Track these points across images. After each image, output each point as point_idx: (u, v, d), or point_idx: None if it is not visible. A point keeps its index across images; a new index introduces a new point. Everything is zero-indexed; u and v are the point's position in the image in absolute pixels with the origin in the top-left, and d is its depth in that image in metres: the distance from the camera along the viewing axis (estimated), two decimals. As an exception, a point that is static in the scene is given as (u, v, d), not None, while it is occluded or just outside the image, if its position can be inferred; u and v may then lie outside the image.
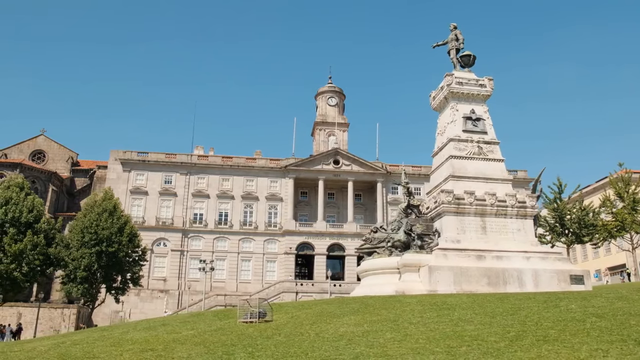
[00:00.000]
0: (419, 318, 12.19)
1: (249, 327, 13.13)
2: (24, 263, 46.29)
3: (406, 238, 24.05)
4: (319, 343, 10.11)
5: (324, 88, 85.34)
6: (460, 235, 24.06)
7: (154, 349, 10.82)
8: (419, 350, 8.78)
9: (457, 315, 12.13)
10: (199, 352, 10.05)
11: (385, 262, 24.08)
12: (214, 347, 10.45)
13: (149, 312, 65.61)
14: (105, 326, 19.96)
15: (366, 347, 9.39)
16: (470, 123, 26.90)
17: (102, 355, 10.44)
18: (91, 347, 11.88)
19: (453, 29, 29.63)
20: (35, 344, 14.48)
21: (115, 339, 13.13)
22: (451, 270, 22.21)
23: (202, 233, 70.91)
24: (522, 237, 24.55)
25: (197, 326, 14.28)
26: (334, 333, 11.12)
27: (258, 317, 14.46)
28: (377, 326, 11.50)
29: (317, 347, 9.76)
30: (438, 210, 24.86)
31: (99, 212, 49.85)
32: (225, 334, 12.18)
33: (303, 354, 9.24)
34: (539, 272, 22.79)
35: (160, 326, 15.14)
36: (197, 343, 11.19)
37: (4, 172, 68.39)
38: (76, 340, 13.84)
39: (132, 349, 10.98)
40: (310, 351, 9.40)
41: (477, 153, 26.36)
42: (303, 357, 8.99)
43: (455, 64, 28.74)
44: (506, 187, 25.92)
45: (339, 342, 10.00)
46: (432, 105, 29.50)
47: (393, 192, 75.95)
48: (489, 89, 27.70)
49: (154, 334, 13.34)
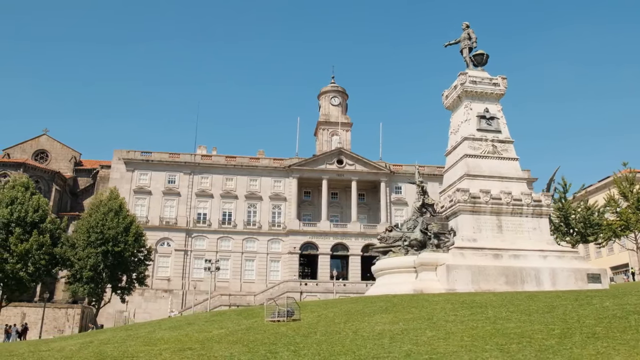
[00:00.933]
0: (453, 316, 12.14)
1: (280, 326, 13.07)
2: (30, 263, 46.04)
3: (422, 237, 24.01)
4: (361, 341, 10.05)
5: (327, 88, 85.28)
6: (477, 234, 24.05)
7: (191, 347, 10.73)
8: (469, 348, 8.73)
9: (491, 313, 12.09)
10: (240, 351, 9.97)
11: (402, 261, 24.04)
12: (254, 346, 10.37)
13: (153, 312, 65.48)
14: (126, 325, 19.84)
15: (412, 345, 9.33)
16: (485, 122, 26.89)
17: (141, 355, 10.35)
18: (124, 346, 11.78)
19: (465, 28, 29.60)
20: (61, 344, 14.37)
21: (144, 338, 13.04)
22: (469, 269, 22.20)
23: (206, 233, 70.76)
24: (537, 236, 24.56)
25: (224, 325, 14.20)
26: (371, 331, 11.06)
27: (286, 315, 14.38)
28: (414, 324, 11.45)
29: (362, 345, 9.70)
30: (453, 209, 24.83)
31: (105, 211, 49.66)
32: (259, 333, 12.10)
33: (350, 352, 9.18)
34: (556, 270, 22.79)
35: (186, 325, 15.05)
36: (233, 342, 11.10)
37: (8, 171, 68.15)
38: (104, 340, 13.74)
39: (169, 348, 10.89)
40: (356, 349, 9.34)
41: (492, 152, 26.36)
42: (351, 355, 8.92)
43: (468, 62, 28.72)
44: (521, 185, 25.94)
45: (382, 340, 9.94)
46: (444, 104, 29.47)
47: (396, 192, 75.98)
48: (503, 88, 27.70)
49: (184, 333, 13.26)
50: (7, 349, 14.60)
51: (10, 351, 13.82)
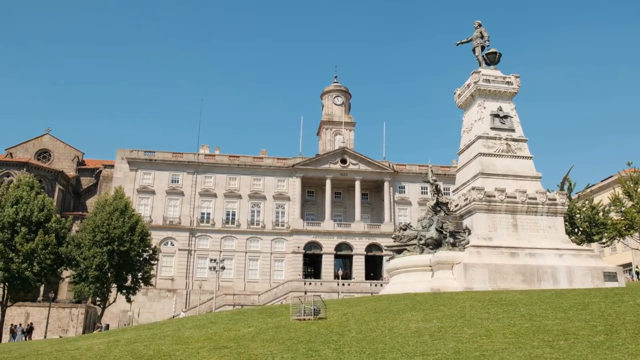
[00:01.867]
0: (485, 314, 12.07)
1: (310, 325, 12.98)
2: (35, 262, 45.87)
3: (438, 235, 23.95)
4: (401, 339, 9.97)
5: (329, 87, 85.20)
6: (492, 232, 24.03)
7: (226, 346, 10.63)
8: (518, 345, 8.67)
9: (524, 310, 12.03)
10: (279, 349, 9.87)
11: (417, 260, 24.00)
12: (291, 344, 10.28)
13: (157, 311, 65.33)
14: (147, 324, 19.71)
15: (456, 342, 9.26)
16: (498, 120, 26.86)
17: (178, 353, 10.24)
18: (155, 345, 11.66)
19: (477, 27, 29.56)
20: (85, 343, 14.26)
21: (173, 337, 12.92)
22: (486, 268, 22.17)
23: (210, 232, 70.62)
24: (553, 235, 24.54)
25: (250, 324, 14.11)
26: (407, 329, 10.98)
27: (313, 314, 14.30)
28: (448, 322, 11.38)
29: (404, 342, 9.62)
30: (468, 207, 24.78)
31: (110, 211, 49.50)
32: (290, 331, 12.02)
33: (395, 349, 9.10)
34: (572, 269, 22.77)
35: (209, 324, 14.95)
36: (267, 340, 11.01)
37: (11, 171, 67.91)
38: (130, 339, 13.63)
39: (204, 347, 10.79)
40: (399, 347, 9.26)
41: (506, 150, 26.33)
42: (398, 352, 8.84)
43: (481, 61, 28.68)
44: (535, 184, 25.90)
45: (422, 338, 9.87)
46: (457, 103, 29.43)
47: (400, 191, 75.97)
48: (516, 87, 27.67)
49: (212, 332, 13.16)
50: (33, 348, 14.49)
51: (36, 350, 13.71)
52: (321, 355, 9.06)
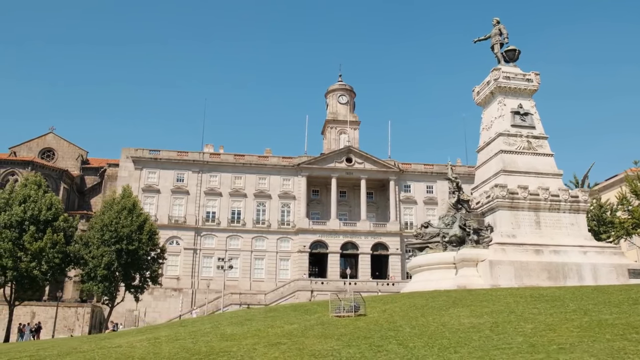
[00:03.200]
0: (534, 309, 11.97)
1: (355, 321, 12.85)
2: (44, 261, 45.58)
3: (461, 233, 23.85)
4: (462, 333, 9.85)
5: (334, 86, 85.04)
6: (515, 229, 23.97)
7: (280, 342, 10.47)
8: (592, 338, 8.56)
9: (573, 306, 11.93)
10: (339, 345, 9.72)
11: (441, 257, 23.89)
12: (349, 340, 10.14)
13: (162, 311, 65.08)
14: (179, 321, 19.54)
15: (523, 336, 9.15)
16: (519, 118, 26.81)
17: (234, 349, 10.08)
18: (204, 342, 11.49)
19: (496, 24, 29.49)
20: (124, 340, 14.07)
21: (216, 334, 12.75)
22: (512, 265, 22.11)
23: (215, 231, 70.36)
24: (575, 232, 24.51)
25: (290, 320, 13.96)
26: (461, 324, 10.86)
27: (354, 310, 14.16)
28: (501, 317, 11.26)
29: (466, 336, 9.50)
30: (491, 205, 24.70)
31: (119, 209, 49.21)
32: (338, 327, 11.87)
33: (462, 343, 8.97)
34: (597, 266, 22.74)
35: (246, 321, 14.80)
36: (319, 336, 10.87)
37: (15, 169, 67.52)
38: (170, 336, 13.46)
39: (257, 342, 10.63)
40: (466, 341, 9.14)
41: (527, 148, 26.28)
42: (467, 347, 8.71)
43: (500, 58, 28.62)
44: (557, 181, 25.86)
45: (484, 332, 9.75)
46: (475, 100, 29.36)
47: (405, 190, 75.87)
48: (536, 84, 27.64)
49: (254, 328, 13.00)
50: (69, 345, 14.31)
51: (73, 347, 13.53)
52: (388, 350, 8.92)
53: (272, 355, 9.03)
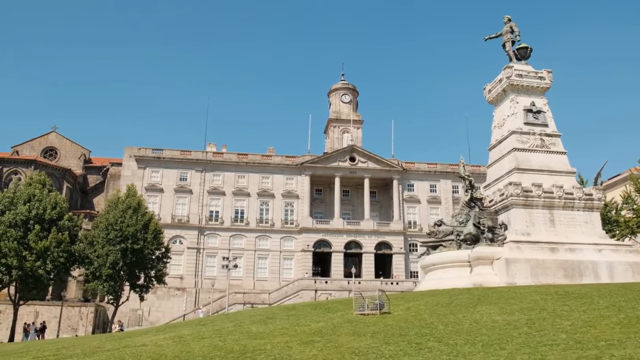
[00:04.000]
0: (565, 306, 11.85)
1: (383, 318, 12.71)
2: (49, 260, 45.38)
3: (476, 231, 23.71)
4: (499, 330, 9.73)
5: (337, 85, 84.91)
6: (530, 228, 23.86)
7: (314, 340, 10.33)
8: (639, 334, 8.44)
9: (604, 302, 11.82)
10: (376, 342, 9.58)
11: (455, 255, 23.76)
12: (385, 337, 10.01)
13: (166, 310, 64.91)
14: (197, 319, 19.37)
15: (564, 333, 9.04)
16: (531, 115, 26.71)
17: (269, 347, 9.93)
18: (233, 340, 11.33)
19: (507, 22, 29.37)
20: (147, 339, 13.91)
21: (242, 332, 12.58)
22: (528, 263, 22.03)
23: (218, 231, 70.22)
24: (590, 230, 24.41)
25: (315, 318, 13.82)
26: (494, 321, 10.74)
27: (378, 308, 14.03)
28: (533, 314, 11.15)
29: (505, 333, 9.38)
30: (505, 203, 24.59)
31: (124, 208, 49.01)
32: (368, 325, 11.74)
33: (504, 340, 8.85)
34: (613, 264, 22.65)
35: (268, 320, 14.64)
36: (352, 333, 10.73)
37: (18, 169, 67.23)
38: (194, 335, 13.27)
39: (290, 340, 10.49)
40: (507, 338, 9.01)
41: (540, 146, 26.18)
42: (511, 343, 8.58)
43: (512, 56, 28.47)
44: (570, 179, 25.77)
45: (522, 329, 9.63)
46: (487, 98, 29.24)
47: (409, 189, 75.80)
48: (548, 81, 27.53)
49: (280, 327, 12.85)
50: (90, 344, 14.15)
51: (96, 346, 13.37)
52: (430, 347, 8.80)
53: (311, 353, 8.89)
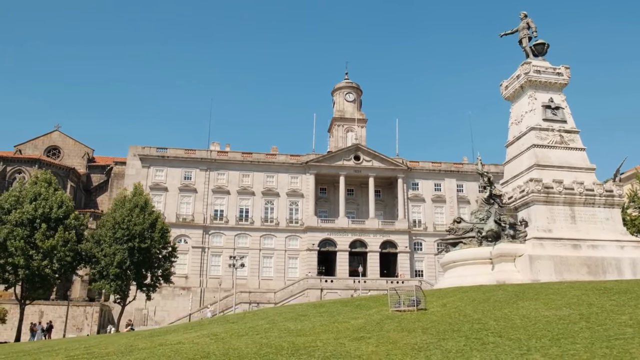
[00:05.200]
0: (610, 301, 11.66)
1: (423, 315, 12.49)
2: (55, 259, 45.04)
3: (497, 228, 23.53)
4: (559, 325, 9.51)
5: (341, 84, 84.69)
6: (551, 224, 23.68)
7: (365, 336, 10.09)
8: None
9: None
10: (432, 339, 9.35)
11: (477, 252, 23.58)
12: (438, 333, 9.79)
13: (171, 310, 64.62)
14: (223, 317, 19.10)
15: (629, 327, 8.82)
16: (550, 112, 26.53)
17: (319, 344, 9.68)
18: (275, 337, 11.08)
19: (523, 17, 29.20)
20: (180, 337, 13.63)
21: (280, 329, 12.34)
22: (551, 260, 21.87)
23: (223, 230, 69.92)
24: (611, 226, 24.24)
25: (353, 315, 13.57)
26: (544, 316, 10.53)
27: (415, 304, 13.81)
28: (581, 309, 10.94)
29: (566, 328, 9.17)
30: (525, 199, 24.40)
31: (131, 207, 48.69)
32: (412, 322, 11.50)
33: (567, 335, 8.63)
34: (636, 260, 22.52)
35: (301, 317, 14.40)
36: (401, 329, 10.50)
37: (22, 167, 66.78)
38: (230, 332, 13.00)
39: (340, 337, 10.24)
40: (570, 332, 8.80)
41: (559, 142, 26.00)
42: (575, 337, 8.36)
43: (528, 52, 28.29)
44: (590, 176, 25.58)
45: (579, 324, 9.42)
46: (503, 94, 29.05)
47: (413, 188, 75.65)
48: (566, 77, 27.35)
49: (318, 324, 12.60)
50: (120, 343, 13.88)
51: (129, 345, 13.10)
52: (494, 342, 8.56)
53: (368, 350, 8.65)
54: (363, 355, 8.23)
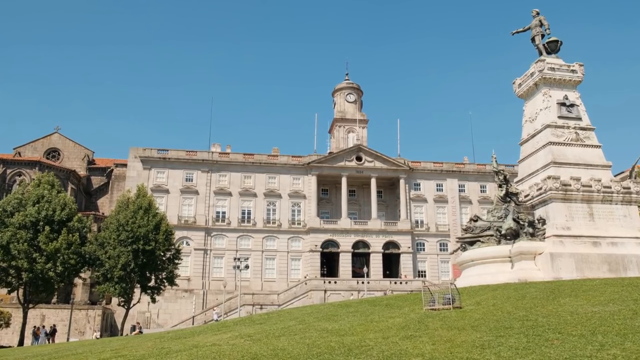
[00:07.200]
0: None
1: (463, 313, 12.26)
2: (59, 262, 44.50)
3: (516, 226, 23.38)
4: (616, 321, 9.30)
5: (341, 84, 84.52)
6: (569, 222, 23.57)
7: (414, 335, 9.84)
8: None
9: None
10: (489, 336, 9.10)
11: (496, 251, 23.44)
12: (490, 331, 9.55)
13: (174, 312, 64.13)
14: (249, 317, 18.80)
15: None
16: (565, 109, 26.46)
17: (370, 343, 9.42)
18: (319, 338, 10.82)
19: (536, 15, 29.15)
20: (213, 338, 13.34)
21: (317, 329, 12.04)
22: (572, 257, 21.76)
23: (225, 231, 69.49)
24: (628, 223, 24.17)
25: (389, 314, 13.32)
26: (593, 312, 10.33)
27: (451, 302, 13.59)
28: (629, 305, 10.75)
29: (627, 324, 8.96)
30: (543, 197, 24.28)
31: (134, 209, 48.25)
32: (457, 319, 11.27)
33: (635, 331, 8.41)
34: (656, 257, 22.40)
35: (332, 317, 14.15)
36: (449, 328, 10.25)
37: (22, 170, 66.11)
38: (264, 333, 12.74)
39: (388, 336, 9.99)
40: (633, 329, 8.58)
41: (575, 139, 25.92)
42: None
43: (542, 50, 28.24)
44: (607, 173, 25.52)
45: (634, 321, 9.20)
46: (516, 92, 28.97)
47: (415, 188, 75.52)
48: (580, 75, 27.31)
49: (357, 323, 12.30)
50: (150, 345, 13.58)
51: (161, 347, 12.80)
52: (558, 339, 8.33)
53: (426, 348, 8.41)
54: (425, 354, 7.99)
